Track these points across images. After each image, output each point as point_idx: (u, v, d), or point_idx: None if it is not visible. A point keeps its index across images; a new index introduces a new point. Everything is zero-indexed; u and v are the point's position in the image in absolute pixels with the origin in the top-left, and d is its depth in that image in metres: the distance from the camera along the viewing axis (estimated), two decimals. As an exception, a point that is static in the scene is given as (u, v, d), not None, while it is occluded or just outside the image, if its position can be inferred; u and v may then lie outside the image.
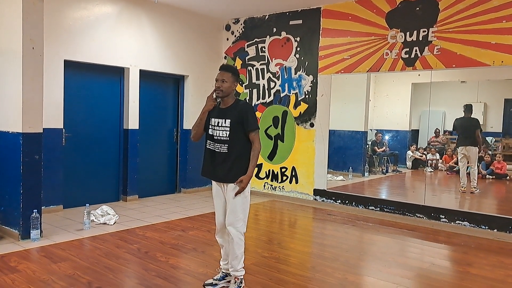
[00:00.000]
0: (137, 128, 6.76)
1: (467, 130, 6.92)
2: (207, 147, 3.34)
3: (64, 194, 5.96)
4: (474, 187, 6.70)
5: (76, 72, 6.11)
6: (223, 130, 3.22)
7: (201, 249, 4.42)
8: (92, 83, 6.37)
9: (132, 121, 6.69)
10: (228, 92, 3.23)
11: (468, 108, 7.01)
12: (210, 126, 3.31)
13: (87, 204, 5.14)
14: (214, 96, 3.26)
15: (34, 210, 4.47)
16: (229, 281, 3.44)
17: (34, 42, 4.47)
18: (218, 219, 3.39)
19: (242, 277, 3.30)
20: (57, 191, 5.83)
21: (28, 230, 4.48)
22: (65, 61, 5.80)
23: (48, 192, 5.51)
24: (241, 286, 3.29)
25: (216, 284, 3.45)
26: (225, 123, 3.22)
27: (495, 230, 5.22)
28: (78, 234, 4.83)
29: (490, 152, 8.18)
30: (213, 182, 3.38)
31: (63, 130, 5.88)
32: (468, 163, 6.92)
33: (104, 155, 6.57)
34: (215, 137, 3.26)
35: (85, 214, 5.03)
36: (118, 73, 6.62)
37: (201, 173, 3.43)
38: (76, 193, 6.16)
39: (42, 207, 4.86)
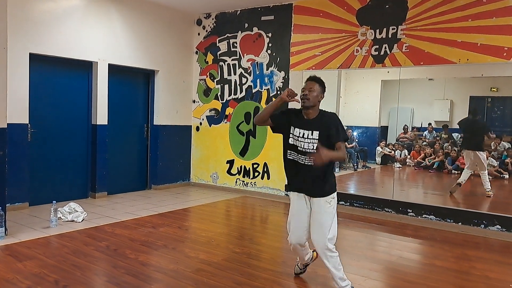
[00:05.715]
0: (106, 123, 6.63)
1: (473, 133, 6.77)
2: (288, 157, 3.20)
3: (30, 191, 5.79)
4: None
5: (43, 66, 5.93)
6: (309, 143, 3.06)
7: (171, 246, 4.38)
8: (59, 77, 6.20)
9: (101, 116, 6.55)
10: (314, 102, 3.09)
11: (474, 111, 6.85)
12: (291, 135, 3.15)
13: (54, 201, 5.00)
14: (291, 99, 3.11)
15: (-2, 208, 4.34)
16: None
17: (-3, 34, 4.32)
18: (299, 234, 3.25)
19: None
20: (22, 188, 5.66)
21: (-9, 228, 4.34)
22: (30, 54, 5.62)
23: (13, 189, 5.32)
24: None
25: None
26: (311, 135, 3.07)
27: (460, 223, 5.39)
28: (44, 232, 4.71)
29: (456, 148, 8.44)
30: (296, 195, 3.27)
31: (29, 125, 5.70)
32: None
33: (71, 151, 6.41)
34: (299, 148, 3.11)
35: (52, 211, 4.91)
36: (86, 67, 6.46)
37: (288, 189, 3.44)
38: (43, 190, 6.00)
39: (7, 205, 4.71)
